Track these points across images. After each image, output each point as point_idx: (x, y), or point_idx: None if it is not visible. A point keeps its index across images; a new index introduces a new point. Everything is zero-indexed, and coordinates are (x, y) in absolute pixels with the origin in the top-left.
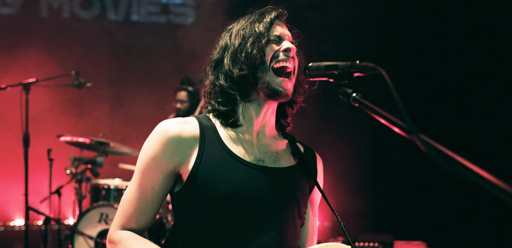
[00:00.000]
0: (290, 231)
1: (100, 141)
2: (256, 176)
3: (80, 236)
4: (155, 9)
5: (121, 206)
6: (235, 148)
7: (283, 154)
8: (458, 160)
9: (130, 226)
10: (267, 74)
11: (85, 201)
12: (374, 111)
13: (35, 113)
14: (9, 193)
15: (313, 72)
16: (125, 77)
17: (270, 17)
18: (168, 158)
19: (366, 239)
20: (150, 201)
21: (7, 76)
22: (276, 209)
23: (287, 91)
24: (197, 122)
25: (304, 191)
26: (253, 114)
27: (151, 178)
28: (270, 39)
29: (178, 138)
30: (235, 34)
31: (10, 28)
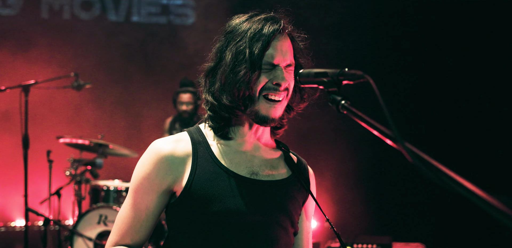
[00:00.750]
0: (283, 242)
1: (99, 142)
2: (249, 190)
3: (79, 238)
4: (155, 10)
5: (116, 223)
6: (227, 162)
7: (276, 166)
8: (443, 170)
9: (125, 243)
10: (255, 104)
11: (84, 202)
12: (362, 119)
13: (34, 115)
14: (10, 194)
15: (303, 79)
16: (125, 78)
17: (266, 35)
18: (161, 177)
19: (364, 240)
20: (144, 220)
21: (7, 77)
22: (268, 222)
23: (274, 118)
24: (189, 139)
25: (297, 202)
26: (245, 130)
27: (146, 198)
28: (262, 68)
29: (171, 157)
30: (230, 46)
31: (10, 29)
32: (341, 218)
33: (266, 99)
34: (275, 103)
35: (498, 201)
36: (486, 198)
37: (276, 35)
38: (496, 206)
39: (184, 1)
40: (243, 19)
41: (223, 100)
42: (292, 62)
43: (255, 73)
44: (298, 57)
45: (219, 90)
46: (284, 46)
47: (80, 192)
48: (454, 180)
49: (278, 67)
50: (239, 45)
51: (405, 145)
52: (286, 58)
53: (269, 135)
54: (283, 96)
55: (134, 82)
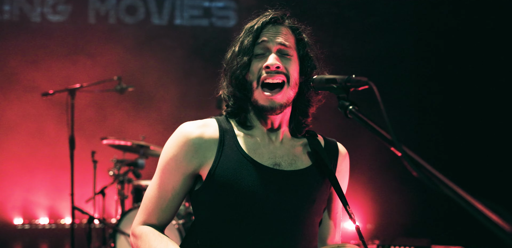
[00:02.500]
0: (306, 232)
1: (141, 143)
2: (272, 180)
3: (122, 235)
4: (197, 13)
5: (143, 202)
6: (251, 152)
7: (300, 155)
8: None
9: (151, 222)
10: (253, 92)
11: (127, 201)
12: (367, 125)
13: (80, 117)
14: (59, 193)
15: (316, 85)
16: (168, 80)
17: (257, 27)
18: (188, 160)
19: (402, 243)
20: (170, 200)
21: (57, 81)
22: (290, 212)
23: (275, 105)
24: (217, 126)
25: (322, 190)
26: (261, 121)
27: (172, 178)
28: (254, 55)
29: (198, 140)
30: (234, 43)
31: (60, 35)
32: (380, 218)
33: (263, 86)
34: (273, 90)
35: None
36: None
37: (267, 26)
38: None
39: (226, 3)
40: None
41: (227, 93)
42: (290, 47)
43: (244, 59)
44: (305, 50)
45: (226, 86)
46: (274, 33)
47: (123, 191)
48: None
49: (269, 52)
50: (240, 39)
51: (403, 151)
52: (276, 44)
53: (289, 126)
54: (280, 79)
55: (176, 84)
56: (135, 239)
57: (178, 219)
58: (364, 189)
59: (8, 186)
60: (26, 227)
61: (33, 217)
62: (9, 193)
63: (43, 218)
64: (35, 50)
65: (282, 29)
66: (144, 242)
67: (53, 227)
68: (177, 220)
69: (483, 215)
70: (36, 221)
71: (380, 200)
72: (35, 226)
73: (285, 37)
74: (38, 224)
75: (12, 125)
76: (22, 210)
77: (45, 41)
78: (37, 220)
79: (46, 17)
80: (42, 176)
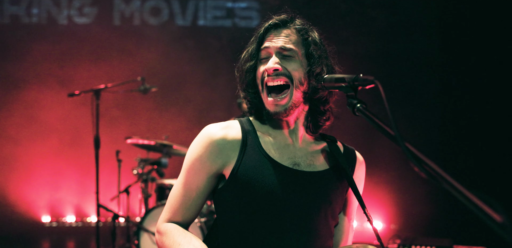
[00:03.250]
0: (322, 232)
1: (164, 143)
2: (291, 180)
3: (145, 233)
4: (220, 14)
5: (169, 200)
6: (272, 152)
7: (319, 157)
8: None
9: (176, 219)
10: (261, 95)
11: (151, 200)
12: (374, 123)
13: (105, 117)
14: (85, 192)
15: (327, 84)
16: (191, 81)
17: (260, 33)
18: (212, 160)
19: (424, 242)
20: (194, 198)
21: (83, 82)
22: (308, 211)
23: (280, 109)
24: (240, 127)
25: (338, 193)
26: (278, 122)
27: (196, 178)
28: (259, 60)
29: (222, 141)
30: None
31: (86, 37)
32: (404, 219)
33: (269, 90)
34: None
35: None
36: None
37: (270, 31)
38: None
39: (249, 3)
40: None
41: (243, 97)
42: (291, 48)
43: (250, 64)
44: (311, 50)
45: (240, 91)
46: (276, 36)
47: (146, 190)
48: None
49: (270, 56)
50: (248, 46)
51: (406, 147)
52: (276, 47)
53: (303, 128)
54: (282, 81)
55: (199, 84)
56: (160, 236)
57: (200, 217)
58: (388, 189)
59: (36, 185)
60: (53, 225)
61: (60, 215)
62: (38, 192)
63: (70, 216)
64: (62, 51)
65: (284, 32)
66: (169, 239)
67: (79, 225)
68: (200, 219)
69: (479, 208)
70: (63, 219)
71: (404, 200)
72: (62, 224)
73: (286, 39)
74: (65, 222)
75: (40, 126)
76: (50, 209)
77: (71, 43)
78: (64, 218)
79: (72, 19)
80: (69, 175)
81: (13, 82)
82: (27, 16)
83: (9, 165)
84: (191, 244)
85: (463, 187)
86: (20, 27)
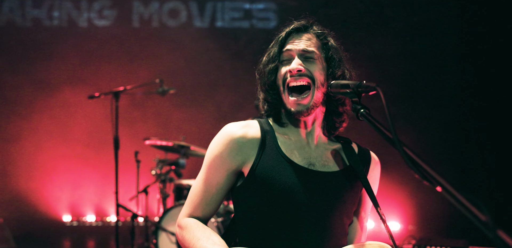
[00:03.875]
0: (337, 231)
1: (181, 144)
2: (306, 179)
3: (163, 232)
4: (238, 15)
5: (189, 196)
6: (289, 152)
7: (334, 158)
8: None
9: (196, 215)
10: (282, 96)
11: (169, 200)
12: (376, 128)
13: (124, 118)
14: (105, 192)
15: (334, 89)
16: (208, 82)
17: (281, 37)
18: (232, 157)
19: (439, 243)
20: (214, 194)
21: (102, 83)
22: (322, 210)
23: (302, 108)
24: (259, 127)
25: (353, 193)
26: (295, 123)
27: (217, 174)
28: (280, 61)
29: (242, 140)
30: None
31: (106, 39)
32: (423, 220)
33: (290, 90)
34: (298, 94)
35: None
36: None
37: (291, 35)
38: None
39: (266, 5)
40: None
41: (261, 99)
42: (312, 51)
43: (272, 66)
44: (329, 53)
45: (260, 92)
46: (298, 39)
47: (164, 190)
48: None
49: (293, 58)
50: (270, 48)
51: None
52: (299, 49)
53: (320, 129)
54: (304, 81)
55: (217, 85)
56: (180, 230)
57: (217, 217)
58: (406, 190)
59: (58, 185)
60: (74, 224)
61: (80, 214)
62: (59, 192)
63: (90, 216)
64: (82, 53)
65: (305, 36)
66: (189, 233)
67: (99, 224)
68: (216, 218)
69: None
70: (83, 219)
71: (422, 201)
72: (83, 223)
73: (308, 42)
74: (85, 221)
75: (61, 127)
76: (71, 208)
77: (91, 45)
78: (85, 217)
79: (92, 22)
80: (89, 176)
81: (34, 84)
82: (48, 19)
83: (31, 165)
84: (210, 239)
85: (453, 188)
86: (41, 30)
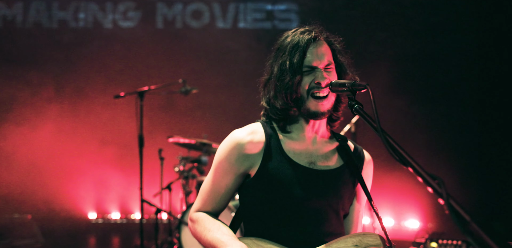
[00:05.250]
0: (333, 221)
1: (203, 141)
2: (308, 177)
3: (186, 227)
4: (260, 16)
5: (200, 193)
6: (291, 153)
7: (332, 156)
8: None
9: (206, 210)
10: (305, 102)
11: (191, 195)
12: (367, 121)
13: (149, 117)
14: (130, 190)
15: (334, 88)
16: (231, 82)
17: (302, 46)
18: (240, 163)
19: (450, 237)
20: (223, 194)
21: (127, 83)
22: (322, 204)
23: (324, 111)
24: (263, 131)
25: (348, 188)
26: (303, 126)
27: (225, 177)
28: (303, 71)
29: (249, 146)
30: (277, 60)
31: (130, 40)
32: (439, 217)
33: (313, 97)
34: (322, 100)
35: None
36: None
37: (311, 43)
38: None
39: (288, 6)
40: (286, 36)
41: (277, 105)
42: (331, 61)
43: (297, 78)
44: (338, 58)
45: (273, 97)
46: (319, 51)
47: (187, 186)
48: (415, 168)
49: (317, 69)
50: (283, 58)
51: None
52: (323, 60)
53: (325, 128)
54: (326, 92)
55: (239, 85)
56: (192, 223)
57: None
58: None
59: (84, 183)
60: (99, 222)
61: (105, 212)
62: (85, 189)
63: (115, 213)
64: (107, 54)
65: (324, 47)
66: (200, 226)
67: (123, 221)
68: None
69: (430, 184)
70: (108, 216)
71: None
72: (108, 221)
73: (327, 55)
74: (110, 218)
75: (88, 127)
76: (96, 206)
77: (116, 46)
78: (110, 215)
79: (117, 23)
80: (114, 174)
81: (61, 84)
82: (74, 21)
83: (58, 165)
84: (220, 230)
85: (421, 169)
86: (67, 32)
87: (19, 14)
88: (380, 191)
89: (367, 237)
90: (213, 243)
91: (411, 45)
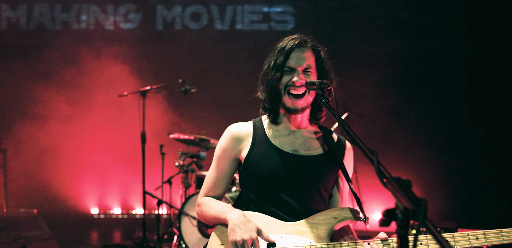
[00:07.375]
0: (317, 200)
1: (202, 137)
2: (291, 162)
3: (185, 217)
4: (257, 18)
5: (204, 182)
6: (276, 142)
7: (315, 144)
8: (362, 146)
9: (210, 194)
10: (282, 97)
11: (190, 189)
12: (333, 114)
13: (150, 115)
14: (131, 186)
15: (308, 86)
16: (229, 81)
17: (286, 49)
18: (232, 148)
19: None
20: (222, 178)
21: (129, 83)
22: (304, 185)
23: (298, 108)
24: (252, 125)
25: (330, 171)
26: (287, 117)
27: (223, 162)
28: (284, 71)
29: (239, 134)
30: (269, 59)
31: (131, 41)
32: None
33: (289, 94)
34: (297, 98)
35: None
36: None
37: (295, 48)
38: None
39: (284, 8)
40: (282, 40)
41: (263, 97)
42: (311, 65)
43: (276, 75)
44: (321, 63)
45: (262, 91)
46: (301, 55)
47: (187, 180)
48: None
49: (296, 70)
50: (272, 58)
51: (342, 123)
52: (302, 64)
53: (307, 121)
54: (302, 91)
55: (236, 85)
56: (198, 207)
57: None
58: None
59: (86, 180)
60: (101, 217)
61: (107, 207)
62: (87, 186)
63: (116, 209)
64: (109, 55)
65: (306, 53)
66: (205, 206)
67: (125, 217)
68: None
69: (367, 154)
70: (110, 211)
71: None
72: (110, 216)
73: (308, 60)
74: (112, 214)
75: (91, 124)
76: (98, 201)
77: (118, 46)
78: (111, 210)
79: (118, 25)
80: (116, 171)
81: (64, 84)
82: (77, 23)
83: (62, 162)
84: (220, 205)
85: (367, 149)
86: (70, 33)
87: (23, 16)
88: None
89: (345, 210)
90: (216, 216)
91: (403, 46)
